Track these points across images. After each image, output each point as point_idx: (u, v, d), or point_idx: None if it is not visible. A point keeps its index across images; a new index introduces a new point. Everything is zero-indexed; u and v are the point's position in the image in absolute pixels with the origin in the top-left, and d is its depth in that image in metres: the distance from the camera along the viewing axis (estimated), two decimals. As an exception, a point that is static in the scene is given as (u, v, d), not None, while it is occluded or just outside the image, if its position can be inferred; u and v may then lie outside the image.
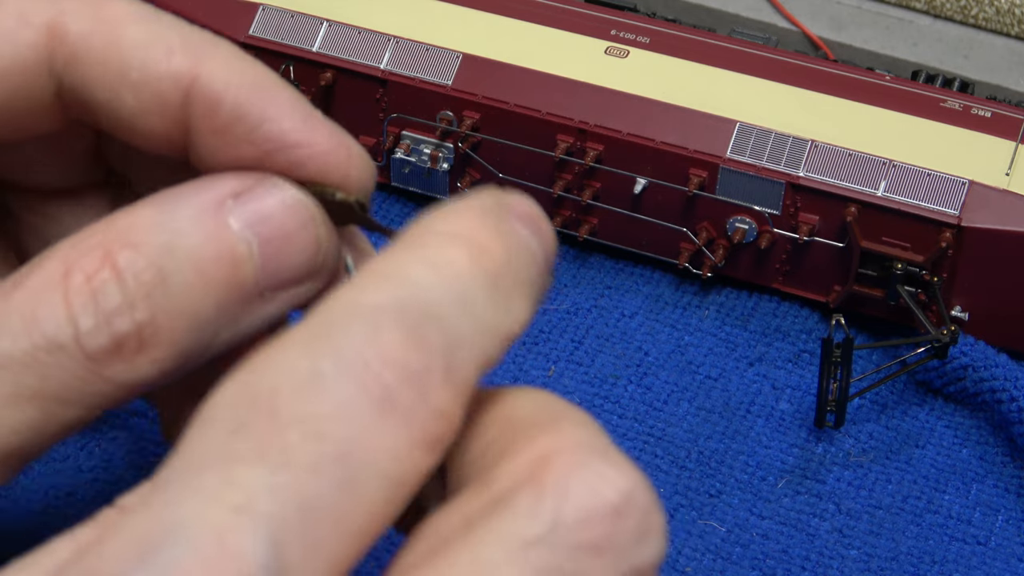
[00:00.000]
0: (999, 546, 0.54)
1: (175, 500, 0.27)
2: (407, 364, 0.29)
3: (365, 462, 0.28)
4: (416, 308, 0.29)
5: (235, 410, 0.28)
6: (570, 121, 0.60)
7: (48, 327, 0.33)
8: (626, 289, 0.62)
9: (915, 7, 0.67)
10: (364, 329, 0.29)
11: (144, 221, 0.34)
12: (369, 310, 0.29)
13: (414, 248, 0.31)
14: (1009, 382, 0.56)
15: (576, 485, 0.28)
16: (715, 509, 0.54)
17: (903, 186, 0.57)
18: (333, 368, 0.28)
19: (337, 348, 0.28)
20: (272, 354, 0.29)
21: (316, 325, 0.29)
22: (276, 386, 0.28)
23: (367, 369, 0.28)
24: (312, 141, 0.36)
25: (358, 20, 0.63)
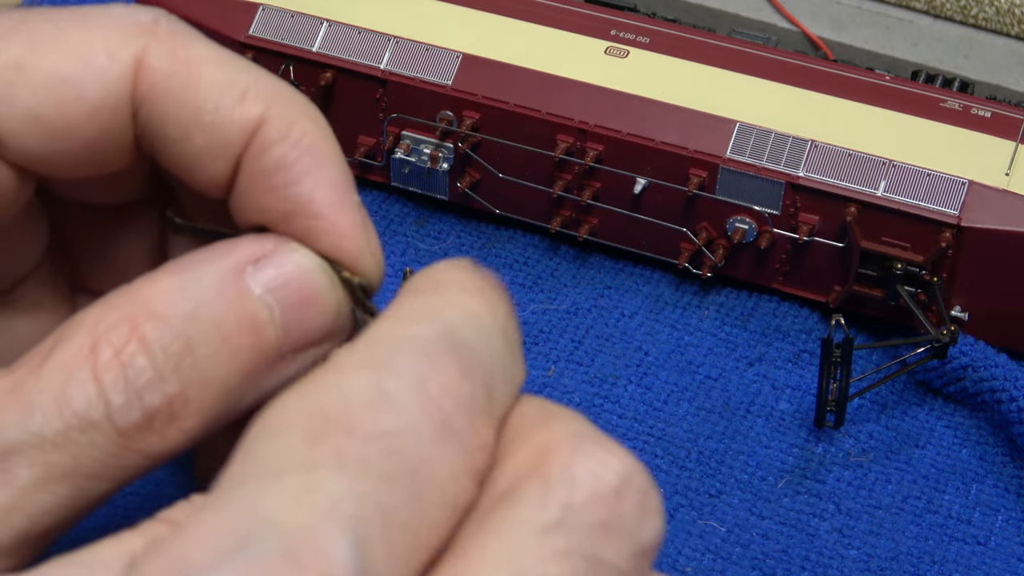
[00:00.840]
0: (999, 546, 0.54)
1: (258, 499, 0.28)
2: (462, 395, 0.30)
3: (431, 480, 0.29)
4: (460, 343, 0.31)
5: (308, 422, 0.29)
6: (570, 121, 0.60)
7: (79, 405, 0.33)
8: (626, 289, 0.62)
9: (915, 7, 0.67)
10: (422, 358, 0.30)
11: (167, 289, 0.34)
12: (422, 342, 0.31)
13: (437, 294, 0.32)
14: (1009, 382, 0.56)
15: (579, 471, 0.30)
16: (715, 509, 0.54)
17: (903, 186, 0.57)
18: (399, 390, 0.30)
19: (400, 373, 0.30)
20: (335, 375, 0.30)
21: (373, 352, 0.30)
22: (347, 402, 0.29)
23: (428, 395, 0.30)
24: (335, 221, 0.36)
25: (358, 20, 0.63)
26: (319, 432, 0.29)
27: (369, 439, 0.29)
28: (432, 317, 0.31)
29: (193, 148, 0.36)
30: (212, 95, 0.36)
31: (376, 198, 0.65)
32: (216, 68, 0.36)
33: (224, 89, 0.36)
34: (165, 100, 0.36)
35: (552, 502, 0.29)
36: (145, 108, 0.36)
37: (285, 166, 0.36)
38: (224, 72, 0.36)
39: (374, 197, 0.65)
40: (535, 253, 0.63)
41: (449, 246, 0.63)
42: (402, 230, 0.64)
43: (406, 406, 0.29)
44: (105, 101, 0.36)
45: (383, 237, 0.65)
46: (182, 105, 0.36)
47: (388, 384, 0.29)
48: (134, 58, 0.36)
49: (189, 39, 0.37)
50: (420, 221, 0.64)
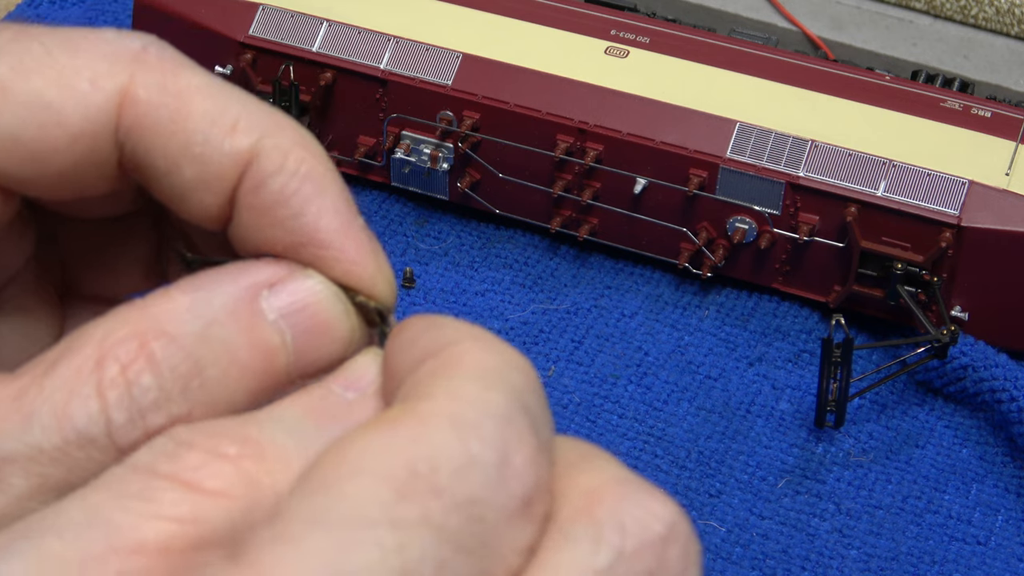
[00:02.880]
0: (999, 546, 0.54)
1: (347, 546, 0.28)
2: (540, 468, 0.30)
3: (502, 553, 0.30)
4: (528, 411, 0.31)
5: (395, 472, 0.29)
6: (570, 121, 0.60)
7: (80, 421, 0.32)
8: (626, 289, 0.62)
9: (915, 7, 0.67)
10: (508, 428, 0.30)
11: (179, 307, 0.34)
12: (504, 409, 0.31)
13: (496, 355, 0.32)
14: (1009, 382, 0.56)
15: (628, 519, 0.30)
16: (715, 509, 0.54)
17: (903, 186, 0.57)
18: (486, 457, 0.30)
19: (487, 439, 0.30)
20: (418, 424, 0.30)
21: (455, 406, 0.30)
22: (438, 462, 0.29)
23: (512, 467, 0.30)
24: (343, 247, 0.36)
25: (358, 20, 0.63)
26: (409, 488, 0.29)
27: (458, 506, 0.29)
28: (505, 381, 0.31)
29: (183, 181, 0.36)
30: (201, 126, 0.36)
31: (376, 198, 0.65)
32: (205, 98, 0.36)
33: (214, 120, 0.36)
34: (153, 131, 0.36)
35: (604, 548, 0.30)
36: (133, 139, 0.36)
37: (286, 198, 0.36)
38: (214, 102, 0.36)
39: (374, 197, 0.65)
40: (535, 253, 0.63)
41: (449, 246, 0.63)
42: (402, 230, 0.64)
43: (494, 476, 0.29)
44: (85, 128, 0.36)
45: (383, 237, 0.65)
46: (171, 136, 0.36)
47: (476, 449, 0.29)
48: (119, 87, 0.36)
49: (178, 68, 0.37)
50: (420, 221, 0.64)
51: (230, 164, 0.36)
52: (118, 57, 0.36)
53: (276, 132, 0.37)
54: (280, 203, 0.36)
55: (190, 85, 0.36)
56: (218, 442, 0.31)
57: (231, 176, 0.36)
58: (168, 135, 0.36)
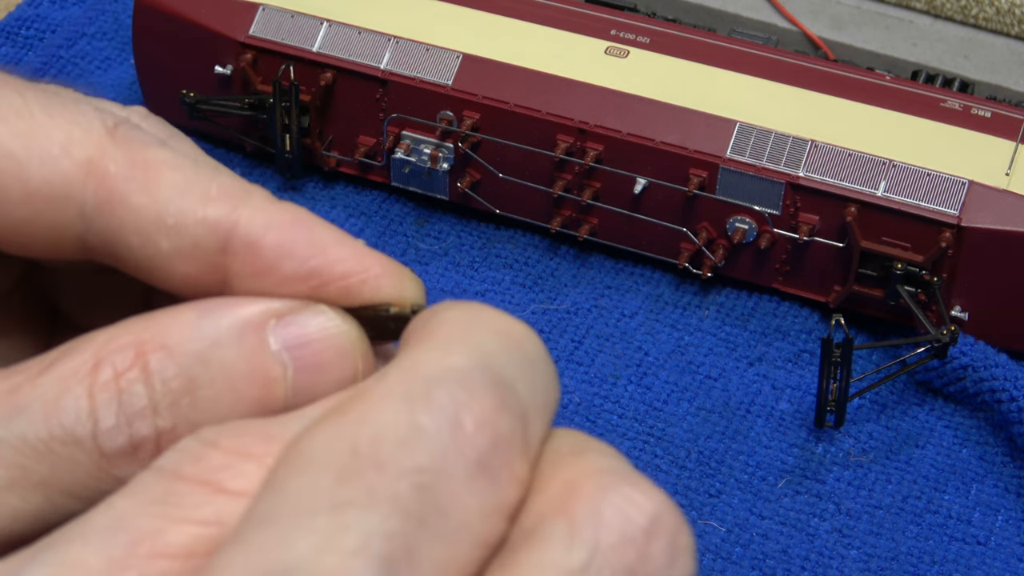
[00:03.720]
0: (999, 546, 0.54)
1: (288, 541, 0.27)
2: (498, 429, 0.30)
3: (462, 519, 0.29)
4: (498, 374, 0.31)
5: (338, 457, 0.29)
6: (570, 121, 0.60)
7: (67, 419, 0.33)
8: (626, 289, 0.62)
9: (915, 7, 0.67)
10: (458, 390, 0.30)
11: (183, 323, 0.34)
12: (458, 372, 0.30)
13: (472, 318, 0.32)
14: (1009, 382, 0.56)
15: (607, 511, 0.29)
16: (715, 509, 0.54)
17: (903, 186, 0.57)
18: (432, 425, 0.29)
19: (433, 406, 0.29)
20: (365, 406, 0.30)
21: (406, 382, 0.30)
22: (379, 437, 0.29)
23: (462, 429, 0.29)
24: (365, 267, 0.36)
25: (358, 20, 0.63)
26: (350, 469, 0.28)
27: (401, 476, 0.28)
28: (469, 345, 0.31)
29: (160, 253, 0.36)
30: (173, 197, 0.36)
31: (376, 198, 0.65)
32: (175, 170, 0.36)
33: (185, 190, 0.36)
34: (124, 205, 0.36)
35: (578, 544, 0.29)
36: (105, 215, 0.36)
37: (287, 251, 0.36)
38: (183, 174, 0.36)
39: (374, 197, 0.65)
40: (535, 253, 0.63)
41: (449, 246, 0.63)
42: (402, 230, 0.64)
43: (440, 442, 0.29)
44: (44, 189, 0.36)
45: (383, 237, 0.65)
46: (142, 209, 0.36)
47: (422, 418, 0.29)
48: (87, 159, 0.36)
49: (147, 144, 0.36)
50: (420, 221, 0.64)
51: (206, 232, 0.36)
52: (91, 128, 0.36)
53: (247, 197, 0.36)
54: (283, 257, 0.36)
55: (159, 159, 0.36)
56: (244, 442, 0.31)
57: (209, 245, 0.36)
58: (140, 208, 0.36)
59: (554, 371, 0.33)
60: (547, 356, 0.32)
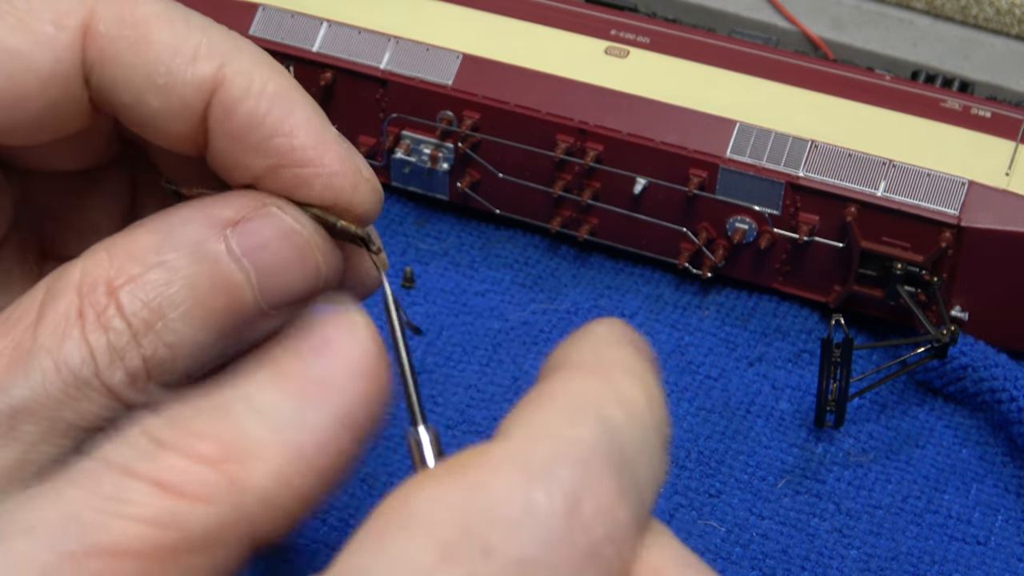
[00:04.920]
0: (999, 546, 0.54)
1: None
2: (616, 517, 0.28)
3: None
4: (619, 452, 0.29)
5: (446, 528, 0.27)
6: (570, 121, 0.60)
7: (74, 364, 0.33)
8: (626, 289, 0.62)
9: (915, 7, 0.67)
10: (581, 469, 0.28)
11: (143, 251, 0.34)
12: (583, 448, 0.29)
13: (600, 378, 0.31)
14: (1009, 382, 0.56)
15: None
16: (715, 509, 0.54)
17: (903, 186, 0.57)
18: (548, 507, 0.28)
19: (554, 482, 0.28)
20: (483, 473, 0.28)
21: (531, 448, 0.29)
22: (491, 515, 0.27)
23: (580, 514, 0.28)
24: (322, 162, 0.36)
25: (358, 20, 0.63)
26: (455, 545, 0.27)
27: (506, 566, 0.27)
28: (595, 416, 0.29)
29: (150, 111, 0.36)
30: (163, 56, 0.36)
31: (376, 198, 0.65)
32: (165, 28, 0.36)
33: (175, 49, 0.36)
34: (115, 64, 0.36)
35: None
36: (96, 73, 0.36)
37: (257, 121, 0.36)
38: (173, 31, 0.36)
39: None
40: (535, 253, 0.63)
41: (449, 246, 0.63)
42: (402, 230, 0.64)
43: (553, 529, 0.27)
44: (55, 70, 0.36)
45: (383, 237, 0.65)
46: (133, 69, 0.36)
47: (539, 498, 0.28)
48: (81, 24, 0.36)
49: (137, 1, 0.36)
50: (420, 221, 0.64)
51: (193, 92, 0.36)
52: None
53: (237, 56, 0.36)
54: (252, 127, 0.36)
55: (149, 14, 0.36)
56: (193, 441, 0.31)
57: (196, 104, 0.36)
58: (130, 68, 0.36)
59: (666, 443, 0.31)
60: (663, 427, 0.31)
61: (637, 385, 0.31)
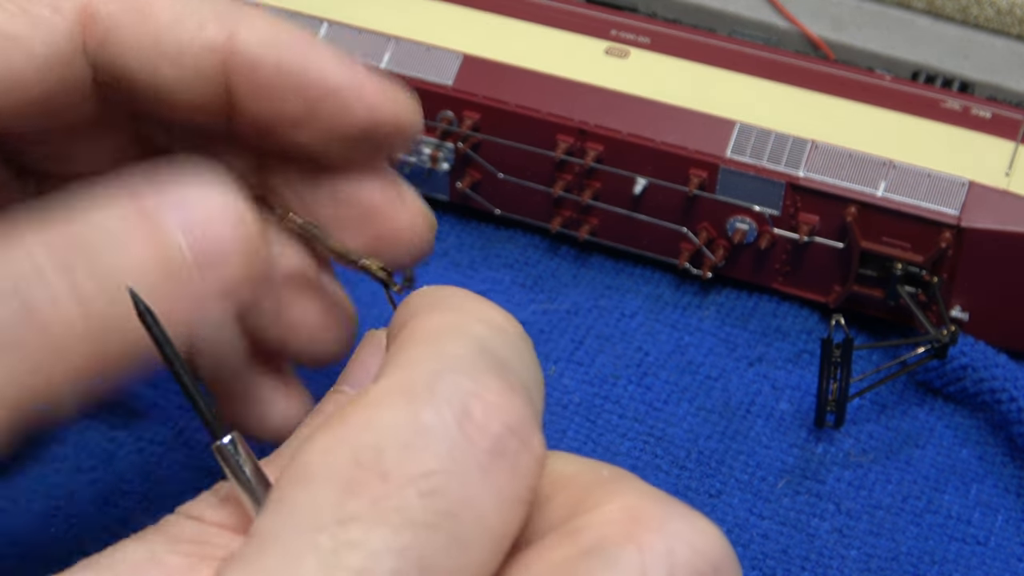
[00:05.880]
0: (999, 546, 0.54)
1: (292, 560, 0.26)
2: (509, 410, 0.28)
3: (476, 517, 0.27)
4: (493, 357, 0.29)
5: (342, 467, 0.27)
6: (570, 121, 0.60)
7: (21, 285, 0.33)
8: (626, 289, 0.62)
9: (915, 7, 0.67)
10: (461, 378, 0.28)
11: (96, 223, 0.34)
12: (457, 358, 0.29)
13: (454, 310, 0.31)
14: (1009, 382, 0.56)
15: (678, 546, 0.28)
16: (715, 509, 0.54)
17: (903, 186, 0.57)
18: (438, 421, 0.28)
19: (437, 398, 0.28)
20: (368, 408, 0.28)
21: (405, 374, 0.29)
22: (382, 444, 0.27)
23: (472, 419, 0.28)
24: (359, 83, 0.36)
25: (358, 20, 0.63)
26: (353, 480, 0.27)
27: (407, 484, 0.27)
28: (462, 333, 0.30)
29: (165, 82, 0.36)
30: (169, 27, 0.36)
31: (376, 198, 0.65)
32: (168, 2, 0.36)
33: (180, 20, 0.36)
34: (122, 41, 0.36)
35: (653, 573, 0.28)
36: (104, 54, 0.36)
37: (286, 65, 0.36)
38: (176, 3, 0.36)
39: (374, 197, 0.65)
40: (535, 253, 0.63)
41: (449, 246, 0.63)
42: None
43: (448, 439, 0.27)
44: (52, 55, 0.36)
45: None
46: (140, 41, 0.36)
47: (426, 416, 0.28)
48: (80, 6, 0.36)
49: None
50: (420, 221, 0.64)
51: (207, 56, 0.36)
52: None
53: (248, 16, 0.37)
54: (283, 74, 0.36)
55: None
56: None
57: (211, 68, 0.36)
58: (138, 41, 0.36)
59: (534, 351, 0.32)
60: (528, 337, 0.32)
61: (488, 305, 0.31)
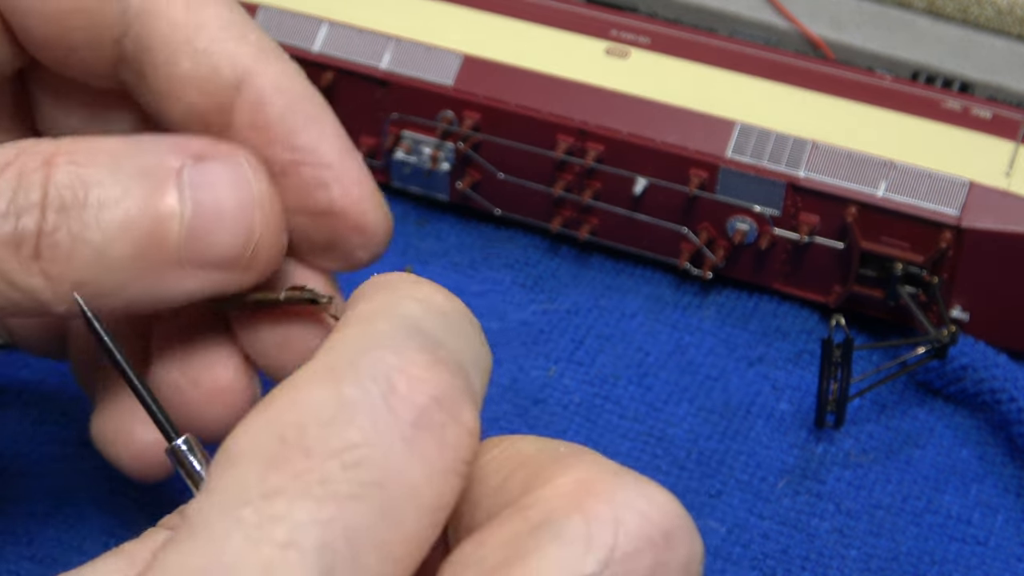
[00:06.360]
0: (999, 546, 0.54)
1: (218, 538, 0.26)
2: (436, 382, 0.28)
3: (403, 488, 0.27)
4: (423, 334, 0.29)
5: (266, 447, 0.27)
6: (570, 121, 0.60)
7: None
8: (626, 289, 0.62)
9: (915, 7, 0.67)
10: (386, 353, 0.28)
11: (107, 148, 0.34)
12: (383, 335, 0.29)
13: (391, 292, 0.31)
14: (1009, 382, 0.56)
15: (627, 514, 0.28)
16: (715, 509, 0.54)
17: (903, 186, 0.57)
18: (361, 395, 0.28)
19: (361, 374, 0.28)
20: (293, 389, 0.28)
21: (331, 355, 0.29)
22: (305, 420, 0.27)
23: (396, 392, 0.28)
24: (343, 168, 0.36)
25: (358, 20, 0.63)
26: (277, 457, 0.27)
27: (329, 457, 0.27)
28: (391, 312, 0.30)
29: (177, 73, 0.36)
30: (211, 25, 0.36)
31: (376, 198, 0.65)
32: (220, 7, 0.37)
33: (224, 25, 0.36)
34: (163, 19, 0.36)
35: (595, 550, 0.27)
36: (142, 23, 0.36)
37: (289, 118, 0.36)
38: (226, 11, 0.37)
39: (374, 197, 0.65)
40: (535, 253, 0.63)
41: (449, 246, 0.63)
42: (402, 230, 0.64)
43: (370, 411, 0.27)
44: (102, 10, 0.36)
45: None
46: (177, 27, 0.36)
47: (348, 391, 0.28)
48: None
49: None
50: (420, 221, 0.64)
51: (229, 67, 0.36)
52: None
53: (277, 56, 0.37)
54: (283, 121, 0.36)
55: None
56: None
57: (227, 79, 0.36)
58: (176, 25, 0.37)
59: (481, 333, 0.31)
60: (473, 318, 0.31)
61: (428, 285, 0.31)
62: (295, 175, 0.36)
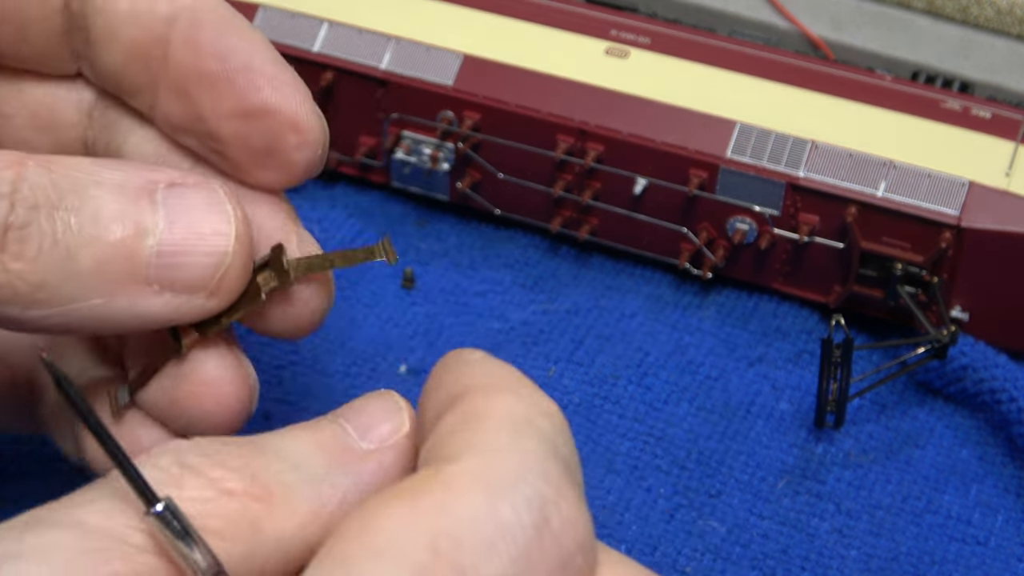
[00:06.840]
0: (999, 546, 0.54)
1: None
2: (581, 530, 0.29)
3: None
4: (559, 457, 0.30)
5: (416, 551, 0.27)
6: (570, 121, 0.60)
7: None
8: (626, 289, 0.62)
9: (915, 7, 0.67)
10: (540, 482, 0.29)
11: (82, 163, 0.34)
12: (533, 457, 0.29)
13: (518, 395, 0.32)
14: (1009, 382, 0.56)
15: None
16: (715, 509, 0.54)
17: (903, 186, 0.57)
18: (516, 520, 0.28)
19: (518, 496, 0.28)
20: (447, 493, 0.28)
21: (486, 464, 0.29)
22: (459, 535, 0.27)
23: (549, 527, 0.28)
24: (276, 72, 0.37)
25: (358, 20, 0.63)
26: (427, 569, 0.27)
27: None
28: (532, 428, 0.30)
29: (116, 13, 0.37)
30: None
31: (376, 198, 0.65)
32: None
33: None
34: None
35: None
36: None
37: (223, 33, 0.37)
38: None
39: (374, 197, 0.65)
40: (535, 253, 0.63)
41: (449, 246, 0.63)
42: (402, 230, 0.64)
43: (525, 543, 0.27)
44: None
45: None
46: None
47: (505, 512, 0.28)
48: None
49: None
50: (420, 221, 0.64)
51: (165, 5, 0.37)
52: None
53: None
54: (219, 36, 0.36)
55: None
56: (223, 474, 0.30)
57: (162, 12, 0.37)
58: None
59: None
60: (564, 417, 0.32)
61: (541, 394, 0.31)
62: (230, 83, 0.36)
